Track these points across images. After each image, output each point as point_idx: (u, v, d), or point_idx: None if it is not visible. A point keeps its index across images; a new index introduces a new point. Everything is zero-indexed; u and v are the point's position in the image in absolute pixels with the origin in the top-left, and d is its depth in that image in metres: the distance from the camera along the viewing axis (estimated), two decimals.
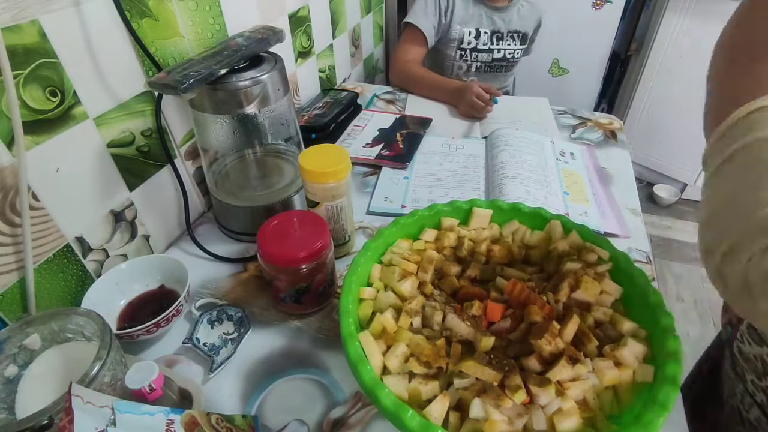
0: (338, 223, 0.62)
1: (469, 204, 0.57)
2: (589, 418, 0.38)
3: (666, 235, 1.93)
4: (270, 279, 0.55)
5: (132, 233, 0.63)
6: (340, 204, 0.59)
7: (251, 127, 0.70)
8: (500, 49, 1.20)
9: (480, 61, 1.23)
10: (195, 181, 0.74)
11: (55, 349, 0.45)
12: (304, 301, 0.56)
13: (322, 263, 0.54)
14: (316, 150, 0.59)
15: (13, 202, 0.47)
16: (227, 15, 0.73)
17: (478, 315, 0.44)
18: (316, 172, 0.56)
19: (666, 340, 0.41)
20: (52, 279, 0.53)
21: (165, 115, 0.65)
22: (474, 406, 0.37)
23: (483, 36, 1.19)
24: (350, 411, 0.48)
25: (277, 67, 0.61)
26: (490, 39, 1.19)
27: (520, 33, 1.19)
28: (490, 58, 1.22)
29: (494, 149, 0.89)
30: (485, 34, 1.19)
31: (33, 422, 0.35)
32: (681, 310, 1.60)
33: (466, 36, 1.19)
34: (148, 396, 0.38)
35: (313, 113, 0.97)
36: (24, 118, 0.46)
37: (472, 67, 1.25)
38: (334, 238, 0.61)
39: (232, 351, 0.53)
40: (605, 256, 0.50)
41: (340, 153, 0.58)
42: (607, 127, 1.02)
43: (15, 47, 0.44)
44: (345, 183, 0.58)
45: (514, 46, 1.21)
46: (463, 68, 1.26)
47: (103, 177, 0.57)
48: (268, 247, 0.52)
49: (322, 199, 0.58)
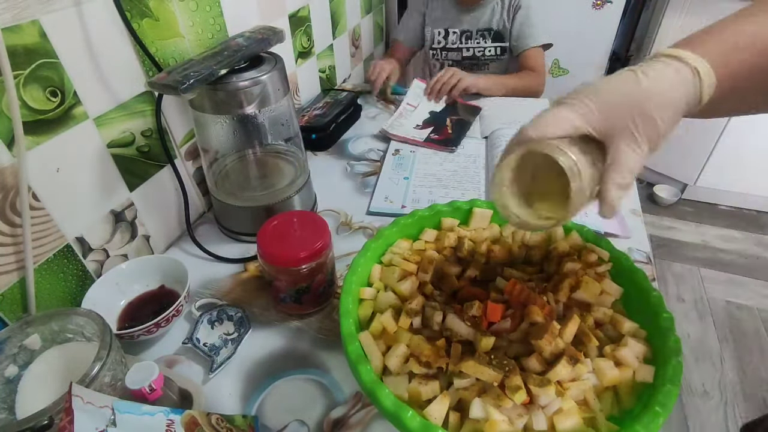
0: None
1: (469, 204, 0.57)
2: (590, 418, 0.38)
3: (666, 235, 1.93)
4: (270, 279, 0.55)
5: (132, 233, 0.63)
6: None
7: (251, 128, 0.70)
8: (469, 48, 1.26)
9: (450, 60, 1.31)
10: (195, 181, 0.74)
11: (56, 349, 0.45)
12: (304, 301, 0.56)
13: (322, 263, 0.54)
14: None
15: (14, 202, 0.47)
16: (227, 15, 0.73)
17: (478, 315, 0.44)
18: None
19: (666, 341, 0.41)
20: (53, 279, 0.53)
21: (165, 116, 0.65)
22: (474, 406, 0.37)
23: (452, 36, 1.26)
24: (350, 411, 0.48)
25: (278, 68, 0.61)
26: (459, 38, 1.26)
27: (491, 31, 1.23)
28: (459, 57, 1.29)
29: (494, 149, 0.89)
30: (454, 33, 1.26)
31: (33, 422, 0.35)
32: (681, 311, 1.60)
33: (436, 36, 1.28)
34: (148, 396, 0.38)
35: (313, 113, 0.97)
36: (24, 118, 0.46)
37: (443, 65, 1.33)
38: None
39: (232, 351, 0.53)
40: (605, 256, 0.50)
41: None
42: None
43: (15, 47, 0.44)
44: None
45: (484, 44, 1.25)
46: (437, 66, 1.34)
47: (104, 177, 0.57)
48: (268, 247, 0.52)
49: None
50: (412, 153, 0.92)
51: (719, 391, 1.34)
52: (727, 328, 1.53)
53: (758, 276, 1.72)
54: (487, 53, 1.26)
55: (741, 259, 1.81)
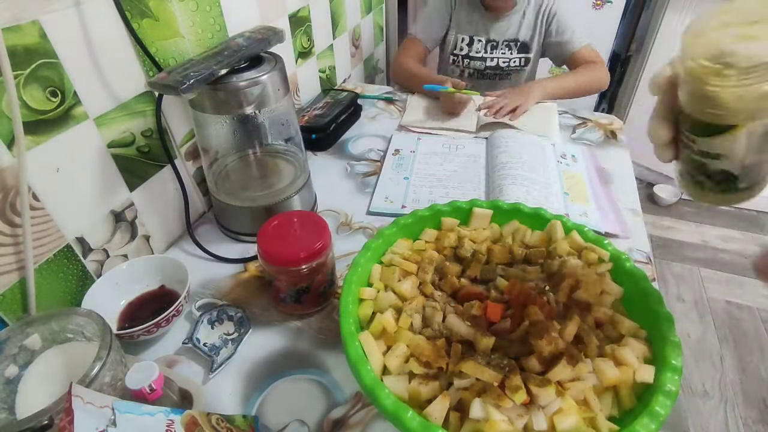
0: None
1: (469, 204, 0.57)
2: (590, 418, 0.38)
3: (666, 236, 1.93)
4: (270, 279, 0.55)
5: (132, 233, 0.63)
6: None
7: (251, 128, 0.70)
8: (494, 58, 1.22)
9: (472, 68, 1.25)
10: (195, 182, 0.74)
11: (56, 349, 0.45)
12: (304, 302, 0.56)
13: (322, 263, 0.54)
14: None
15: (14, 202, 0.47)
16: (227, 15, 0.73)
17: (479, 315, 0.44)
18: None
19: (666, 341, 0.41)
20: (53, 279, 0.53)
21: (165, 116, 0.65)
22: (474, 406, 0.37)
23: (477, 44, 1.21)
24: (350, 411, 0.48)
25: (278, 68, 0.61)
26: (485, 47, 1.21)
27: (517, 42, 1.19)
28: (483, 66, 1.24)
29: (495, 150, 0.89)
30: (479, 42, 1.20)
31: (33, 422, 0.35)
32: (681, 311, 1.60)
33: (459, 42, 1.22)
34: (149, 396, 0.38)
35: (314, 113, 0.97)
36: (24, 119, 0.46)
37: (464, 73, 1.27)
38: None
39: (233, 351, 0.53)
40: (605, 256, 0.50)
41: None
42: (608, 127, 1.02)
43: (15, 47, 0.44)
44: None
45: (509, 55, 1.21)
46: (456, 72, 1.28)
47: (104, 177, 0.57)
48: (268, 247, 0.52)
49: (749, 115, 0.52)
50: (412, 153, 0.92)
51: (719, 391, 1.34)
52: (727, 328, 1.53)
53: None
54: (511, 64, 1.22)
55: (741, 259, 1.81)
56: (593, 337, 0.42)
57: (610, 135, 0.99)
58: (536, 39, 1.19)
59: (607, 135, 0.99)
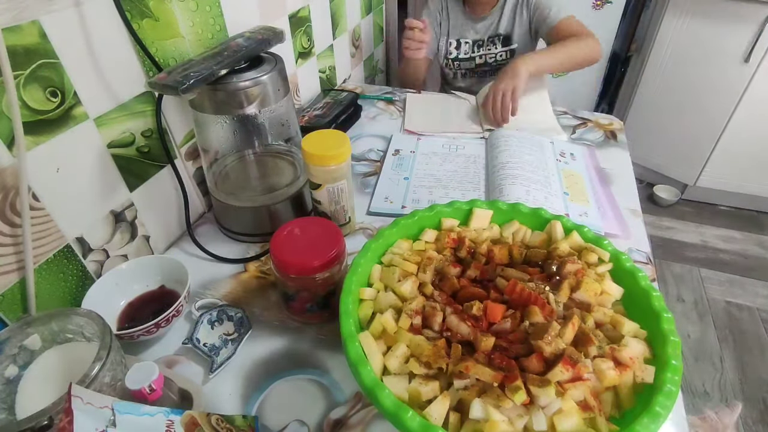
0: (339, 204, 0.66)
1: (469, 204, 0.57)
2: (590, 418, 0.38)
3: (666, 236, 1.93)
4: (292, 293, 0.54)
5: (132, 233, 0.63)
6: (341, 186, 0.63)
7: (251, 128, 0.70)
8: (481, 56, 1.26)
9: (464, 69, 1.30)
10: (195, 182, 0.74)
11: (56, 349, 0.45)
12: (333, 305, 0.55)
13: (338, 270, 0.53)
14: (317, 135, 0.63)
15: (14, 202, 0.47)
16: (227, 16, 0.73)
17: (479, 315, 0.44)
18: (318, 156, 0.59)
19: (666, 341, 0.41)
20: (53, 279, 0.53)
21: (165, 116, 0.65)
22: (474, 406, 0.37)
23: (464, 46, 1.26)
24: (350, 411, 0.48)
25: (278, 68, 0.61)
26: (472, 48, 1.26)
27: (500, 36, 1.22)
28: (473, 65, 1.28)
29: (494, 150, 0.89)
30: (466, 44, 1.25)
31: (33, 422, 0.35)
32: (681, 311, 1.60)
33: (448, 47, 1.27)
34: (148, 396, 0.38)
35: (314, 114, 0.97)
36: (24, 119, 0.46)
37: (458, 75, 1.33)
38: (335, 218, 0.67)
39: (233, 351, 0.53)
40: (606, 256, 0.50)
41: (341, 138, 0.62)
42: (608, 127, 1.02)
43: (15, 47, 0.44)
44: (345, 165, 0.62)
45: (495, 50, 1.24)
46: (450, 75, 1.35)
47: (104, 177, 0.57)
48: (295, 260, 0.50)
49: (324, 181, 0.62)
50: (411, 153, 0.92)
51: (719, 391, 1.34)
52: (727, 329, 1.53)
53: (758, 276, 1.73)
54: (498, 59, 1.25)
55: (741, 259, 1.81)
56: (593, 337, 0.42)
57: (610, 135, 0.99)
58: (516, 30, 1.20)
59: (607, 135, 0.99)
